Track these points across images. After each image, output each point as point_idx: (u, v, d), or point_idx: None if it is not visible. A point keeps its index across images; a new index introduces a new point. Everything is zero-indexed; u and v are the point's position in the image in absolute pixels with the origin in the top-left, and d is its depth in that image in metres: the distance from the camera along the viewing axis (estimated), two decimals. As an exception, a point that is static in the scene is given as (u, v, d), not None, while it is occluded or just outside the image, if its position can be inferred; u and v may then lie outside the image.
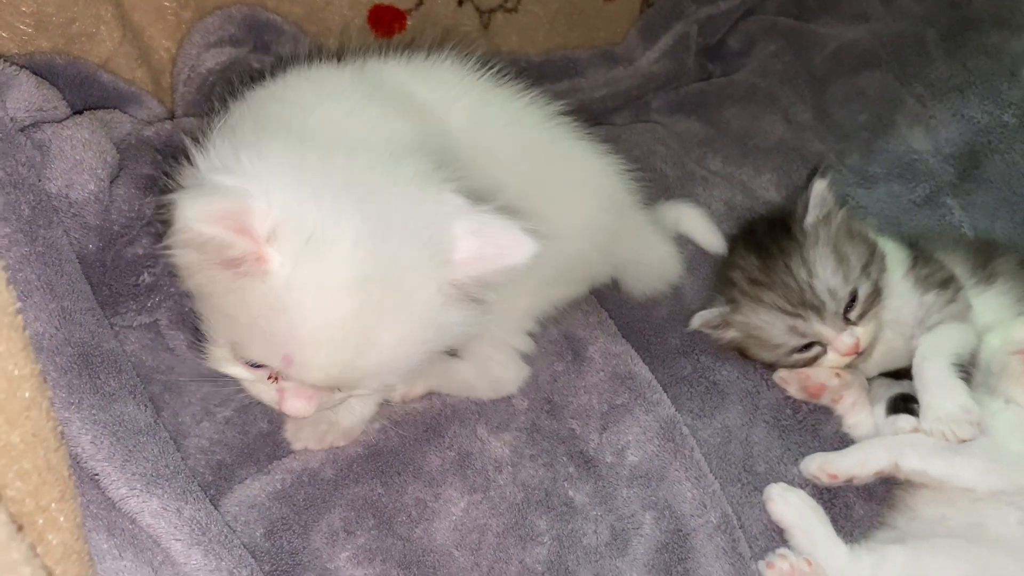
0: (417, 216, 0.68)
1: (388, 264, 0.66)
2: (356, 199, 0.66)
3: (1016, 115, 1.61)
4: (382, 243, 0.65)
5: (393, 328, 0.68)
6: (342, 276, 0.64)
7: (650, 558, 0.92)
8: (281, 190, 0.63)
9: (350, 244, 0.64)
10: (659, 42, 1.50)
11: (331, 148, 0.69)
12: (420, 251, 0.68)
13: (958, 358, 1.07)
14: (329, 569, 0.83)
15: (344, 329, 0.65)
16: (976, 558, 0.92)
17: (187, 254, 0.66)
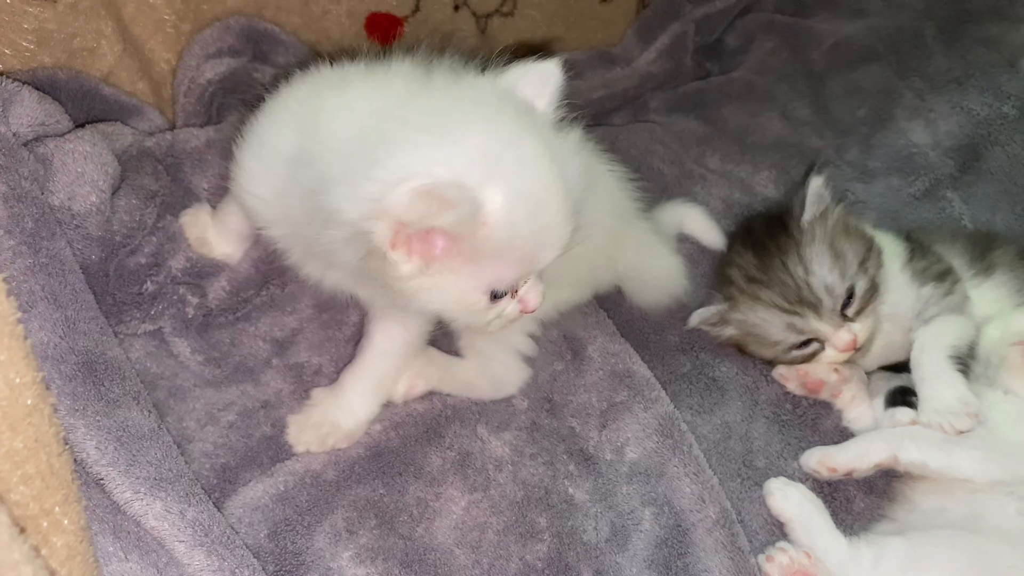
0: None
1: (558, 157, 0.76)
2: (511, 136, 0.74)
3: (1016, 106, 1.60)
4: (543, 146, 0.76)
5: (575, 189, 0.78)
6: (543, 176, 0.74)
7: (650, 553, 0.93)
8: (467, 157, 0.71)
9: (530, 156, 0.74)
10: (656, 42, 1.51)
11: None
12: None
13: (955, 350, 1.08)
14: (332, 568, 0.84)
15: (562, 203, 0.76)
16: (974, 548, 0.92)
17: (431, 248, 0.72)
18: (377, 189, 0.68)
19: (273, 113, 0.84)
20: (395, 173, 0.68)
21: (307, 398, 0.94)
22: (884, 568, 0.93)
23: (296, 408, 0.94)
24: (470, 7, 1.35)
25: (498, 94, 0.79)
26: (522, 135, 0.74)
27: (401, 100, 0.76)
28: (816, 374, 1.13)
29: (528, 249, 0.76)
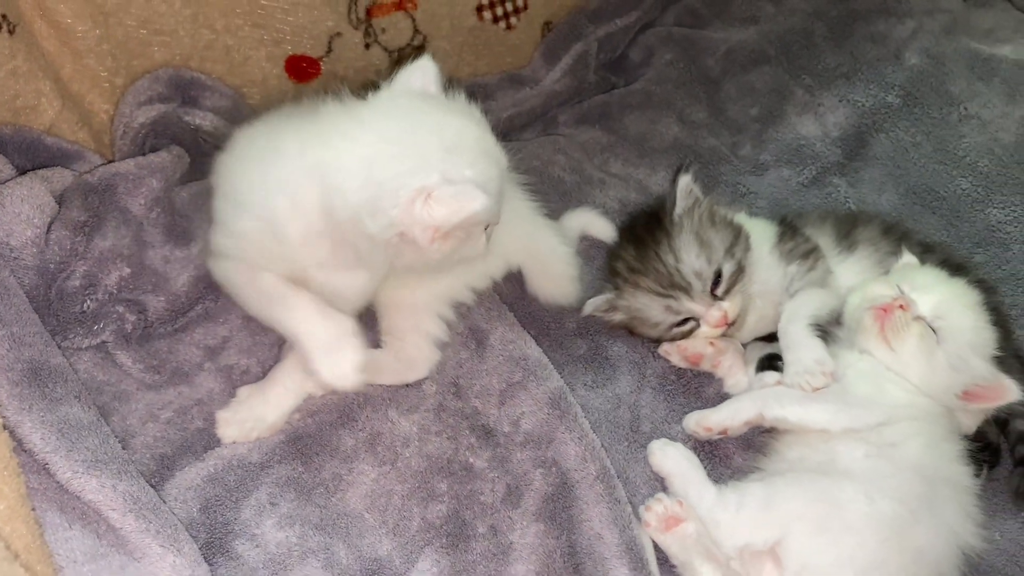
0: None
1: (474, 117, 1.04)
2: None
3: (900, 95, 1.75)
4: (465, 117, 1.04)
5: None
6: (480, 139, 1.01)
7: (539, 508, 1.07)
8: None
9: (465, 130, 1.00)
10: (560, 62, 1.66)
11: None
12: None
13: (815, 319, 1.22)
14: (256, 535, 0.99)
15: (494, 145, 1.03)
16: (819, 486, 1.06)
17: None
18: (396, 214, 0.92)
19: (287, 187, 0.99)
20: (400, 197, 0.91)
21: (232, 393, 1.09)
22: (745, 510, 1.06)
23: (225, 404, 1.09)
24: (381, 44, 1.50)
25: (413, 100, 1.03)
26: (451, 119, 1.00)
27: (364, 137, 0.97)
28: (694, 348, 1.28)
29: (500, 186, 1.01)
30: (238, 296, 1.09)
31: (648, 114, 1.67)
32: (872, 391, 1.14)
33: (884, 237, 1.35)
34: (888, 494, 1.03)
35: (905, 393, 1.14)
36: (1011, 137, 1.69)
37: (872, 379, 1.15)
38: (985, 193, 1.61)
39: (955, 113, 1.73)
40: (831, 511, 1.03)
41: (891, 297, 1.17)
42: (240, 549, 0.97)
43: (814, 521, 1.02)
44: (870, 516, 1.02)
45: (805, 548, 1.02)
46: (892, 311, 1.15)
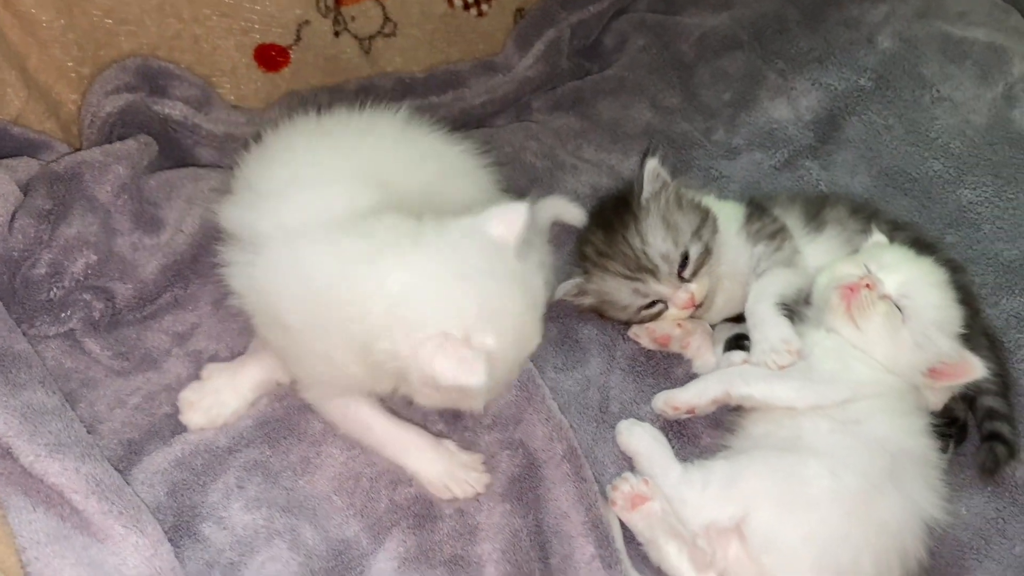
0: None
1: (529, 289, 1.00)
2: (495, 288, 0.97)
3: (872, 78, 1.76)
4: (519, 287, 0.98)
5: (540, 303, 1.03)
6: (521, 313, 0.97)
7: (505, 488, 1.08)
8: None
9: (510, 300, 0.96)
10: (533, 49, 1.67)
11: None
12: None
13: (782, 298, 1.23)
14: (223, 517, 1.00)
15: (535, 324, 1.00)
16: (782, 463, 1.07)
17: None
18: (403, 348, 0.90)
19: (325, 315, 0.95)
20: (414, 334, 0.89)
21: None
22: (710, 487, 1.07)
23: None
24: (351, 31, 1.50)
25: (481, 247, 0.97)
26: (503, 285, 0.95)
27: (409, 264, 0.94)
28: (663, 330, 1.29)
29: (514, 366, 1.00)
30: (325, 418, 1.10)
31: (621, 100, 1.68)
32: (838, 368, 1.15)
33: (853, 217, 1.36)
34: (852, 469, 1.04)
35: (870, 370, 1.15)
36: (982, 119, 1.70)
37: (838, 357, 1.16)
38: (957, 174, 1.62)
39: (927, 96, 1.74)
40: (795, 487, 1.04)
41: (858, 276, 1.18)
42: (207, 532, 0.98)
43: (778, 497, 1.04)
44: (834, 491, 1.03)
45: (769, 524, 1.03)
46: (858, 290, 1.16)
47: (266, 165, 1.10)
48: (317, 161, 1.09)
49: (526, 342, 0.99)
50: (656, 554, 1.07)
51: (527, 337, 0.99)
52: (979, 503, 1.19)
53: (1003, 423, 1.23)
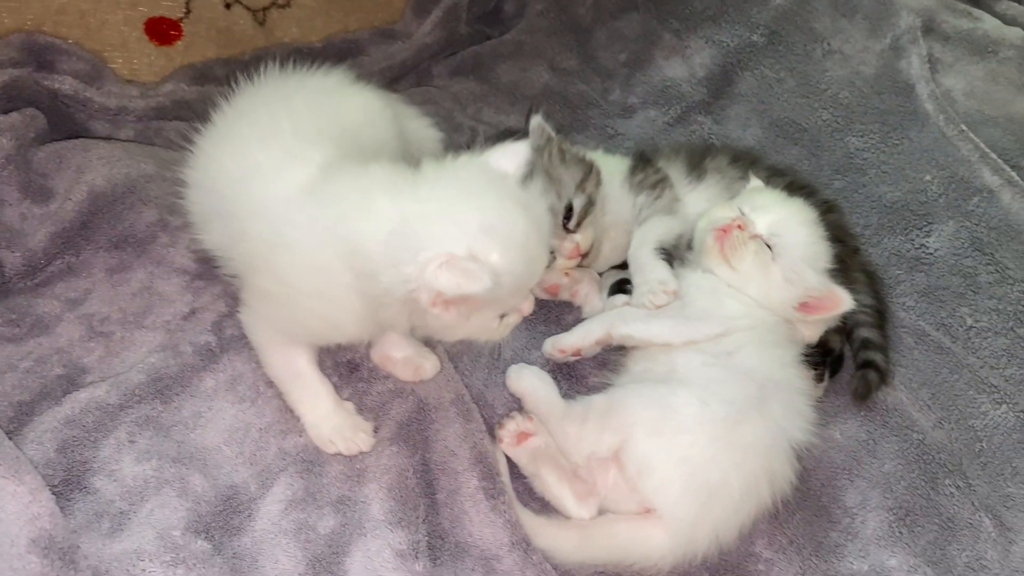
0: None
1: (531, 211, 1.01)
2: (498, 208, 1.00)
3: (764, 34, 1.81)
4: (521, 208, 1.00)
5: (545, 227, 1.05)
6: (525, 232, 0.98)
7: (394, 433, 1.13)
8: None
9: (514, 220, 0.98)
10: (431, 16, 1.70)
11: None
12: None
13: (661, 243, 1.29)
14: (115, 470, 1.03)
15: (539, 245, 1.01)
16: (654, 393, 1.12)
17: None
18: (413, 270, 0.92)
19: (312, 252, 1.00)
20: (423, 255, 0.92)
21: (92, 339, 1.13)
22: (589, 420, 1.12)
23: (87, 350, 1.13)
24: (243, 3, 1.52)
25: (479, 173, 1.02)
26: (505, 204, 0.98)
27: (408, 196, 0.98)
28: (551, 279, 1.34)
29: (523, 283, 1.01)
30: (259, 356, 1.14)
31: (520, 63, 1.72)
32: (710, 305, 1.21)
33: (732, 165, 1.42)
34: (720, 397, 1.09)
35: (742, 306, 1.21)
36: (871, 69, 1.77)
37: (711, 294, 1.22)
38: (845, 123, 1.69)
39: (819, 49, 1.80)
40: (666, 414, 1.09)
41: (731, 218, 1.24)
42: (97, 484, 1.01)
43: (650, 425, 1.09)
44: (702, 417, 1.08)
45: (643, 450, 1.08)
46: (730, 231, 1.22)
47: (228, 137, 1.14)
48: (278, 124, 1.12)
49: (532, 261, 1.00)
50: (540, 485, 1.13)
51: (533, 256, 1.00)
52: (852, 427, 1.26)
53: (877, 352, 1.30)
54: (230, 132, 1.15)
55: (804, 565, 1.12)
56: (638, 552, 1.08)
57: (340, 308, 1.03)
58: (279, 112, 1.13)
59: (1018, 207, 1.50)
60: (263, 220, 1.03)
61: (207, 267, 1.25)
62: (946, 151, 1.61)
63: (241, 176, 1.08)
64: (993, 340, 1.37)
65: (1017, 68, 1.73)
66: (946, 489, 1.20)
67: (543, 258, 1.03)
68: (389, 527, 1.02)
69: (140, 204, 1.25)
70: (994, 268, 1.44)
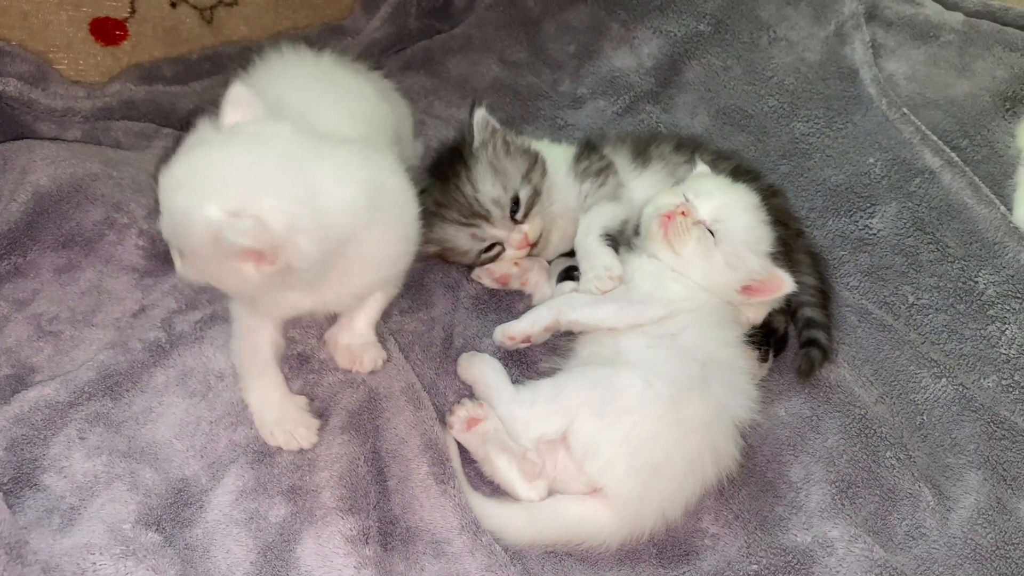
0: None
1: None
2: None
3: (711, 23, 1.85)
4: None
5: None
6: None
7: (345, 423, 1.14)
8: None
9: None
10: (380, 11, 1.72)
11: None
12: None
13: (606, 230, 1.31)
14: (65, 467, 1.04)
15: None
16: (598, 375, 1.15)
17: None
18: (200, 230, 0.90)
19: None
20: (202, 216, 0.90)
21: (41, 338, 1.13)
22: (537, 404, 1.15)
23: (35, 349, 1.13)
24: (189, 2, 1.53)
25: (223, 134, 0.99)
26: (257, 151, 0.96)
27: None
28: (502, 269, 1.36)
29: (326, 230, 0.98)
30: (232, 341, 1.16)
31: (470, 57, 1.74)
32: (654, 288, 1.23)
33: (677, 152, 1.44)
34: (663, 377, 1.12)
35: (684, 288, 1.23)
36: (816, 56, 1.81)
37: (655, 278, 1.25)
38: (791, 108, 1.72)
39: (765, 37, 1.83)
40: (609, 396, 1.12)
41: (675, 205, 1.26)
42: (48, 481, 1.02)
43: (594, 406, 1.11)
44: (645, 397, 1.11)
45: (588, 431, 1.11)
46: (674, 217, 1.25)
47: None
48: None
49: (329, 205, 0.96)
50: (489, 469, 1.15)
51: (329, 201, 0.96)
52: (797, 404, 1.29)
53: (820, 331, 1.33)
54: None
55: (749, 539, 1.15)
56: (586, 531, 1.10)
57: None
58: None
59: (958, 187, 1.54)
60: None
61: (156, 264, 1.26)
62: (889, 134, 1.65)
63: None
64: (934, 316, 1.41)
65: (957, 52, 1.78)
66: (887, 461, 1.23)
67: (352, 207, 1.01)
68: (340, 514, 1.04)
69: (87, 203, 1.25)
70: (935, 247, 1.49)
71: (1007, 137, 1.63)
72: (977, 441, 1.25)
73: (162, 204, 0.94)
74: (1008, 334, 1.37)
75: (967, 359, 1.34)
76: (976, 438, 1.25)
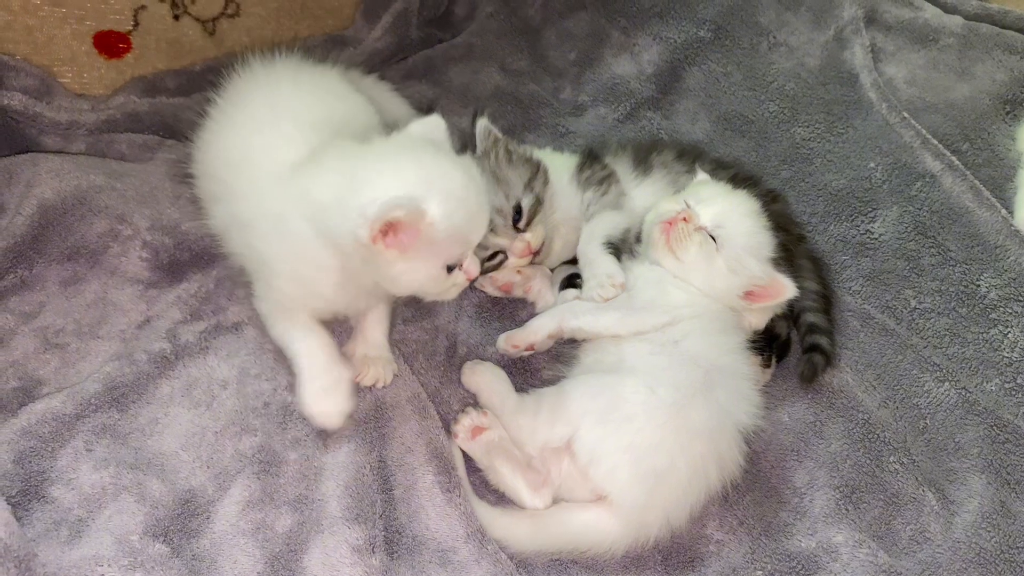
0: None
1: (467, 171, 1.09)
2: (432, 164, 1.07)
3: (711, 29, 1.84)
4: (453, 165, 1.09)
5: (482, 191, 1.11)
6: (460, 185, 1.05)
7: (353, 431, 1.14)
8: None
9: (447, 173, 1.06)
10: (381, 21, 1.72)
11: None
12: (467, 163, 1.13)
13: (609, 238, 1.32)
14: (73, 479, 1.05)
15: (476, 200, 1.07)
16: (602, 383, 1.16)
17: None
18: (358, 212, 0.99)
19: (282, 220, 1.08)
20: (366, 199, 0.99)
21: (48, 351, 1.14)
22: (542, 412, 1.16)
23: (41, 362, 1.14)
24: (192, 14, 1.54)
25: (412, 139, 1.11)
26: (439, 159, 1.07)
27: (354, 159, 1.07)
28: (504, 278, 1.37)
29: (462, 234, 1.06)
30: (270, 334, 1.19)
31: (471, 65, 1.75)
32: (656, 295, 1.24)
33: (678, 160, 1.45)
34: (666, 384, 1.13)
35: (686, 295, 1.24)
36: (816, 61, 1.81)
37: (657, 285, 1.25)
38: (791, 114, 1.72)
39: (764, 42, 1.83)
40: (613, 403, 1.12)
41: (676, 211, 1.27)
42: (55, 493, 1.03)
43: (598, 413, 1.12)
44: (649, 404, 1.11)
45: (593, 438, 1.11)
46: (676, 223, 1.25)
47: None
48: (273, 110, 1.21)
49: (471, 213, 1.07)
50: (494, 477, 1.16)
51: (471, 208, 1.07)
52: (800, 410, 1.29)
53: (822, 336, 1.34)
54: (229, 120, 1.23)
55: (754, 545, 1.15)
56: (591, 538, 1.11)
57: (315, 273, 1.09)
58: (273, 99, 1.22)
59: (959, 191, 1.54)
60: (246, 199, 1.12)
61: (160, 275, 1.27)
62: (889, 138, 1.65)
63: (238, 160, 1.16)
64: (936, 320, 1.41)
65: (957, 55, 1.78)
66: (891, 466, 1.23)
67: (483, 213, 1.10)
68: (346, 523, 1.04)
69: (91, 215, 1.26)
70: (937, 251, 1.49)
71: (1008, 140, 1.63)
72: (980, 445, 1.25)
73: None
74: (1011, 337, 1.37)
75: (970, 363, 1.35)
76: (979, 442, 1.25)
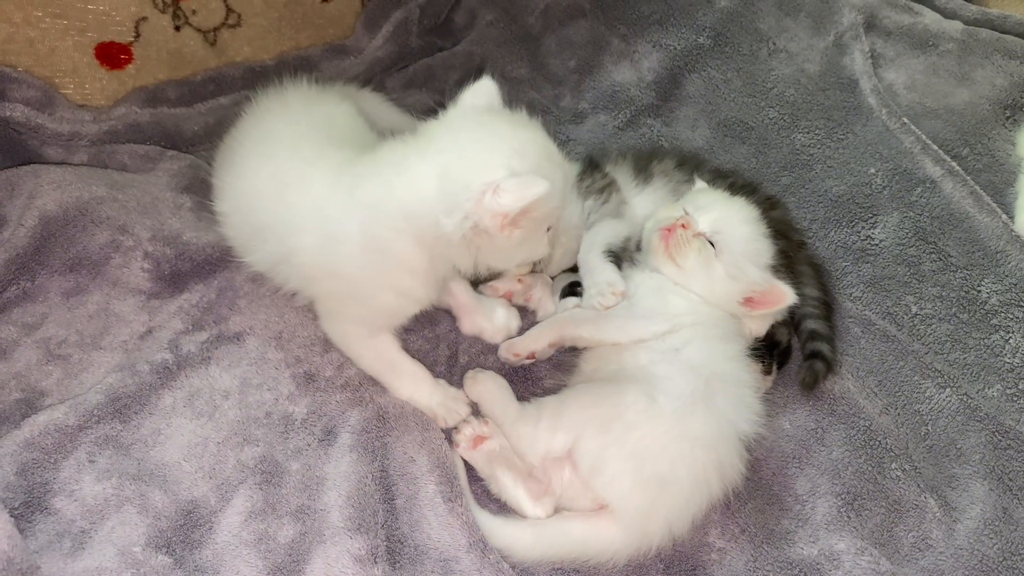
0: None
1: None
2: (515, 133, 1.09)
3: (711, 36, 1.85)
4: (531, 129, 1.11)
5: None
6: (547, 150, 1.09)
7: (354, 441, 1.14)
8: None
9: (532, 139, 1.08)
10: (382, 30, 1.73)
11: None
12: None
13: (609, 246, 1.32)
14: (75, 490, 1.05)
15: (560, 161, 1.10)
16: (603, 392, 1.16)
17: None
18: (469, 206, 1.02)
19: (362, 238, 1.09)
20: (474, 189, 1.01)
21: (50, 362, 1.15)
22: (543, 421, 1.16)
23: (44, 373, 1.14)
24: (193, 25, 1.54)
25: (475, 113, 1.13)
26: (514, 126, 1.09)
27: (431, 153, 1.07)
28: (505, 286, 1.37)
29: (564, 193, 1.11)
30: (352, 356, 1.23)
31: (472, 74, 1.74)
32: (656, 303, 1.24)
33: (678, 168, 1.46)
34: (667, 392, 1.13)
35: (687, 302, 1.24)
36: (816, 67, 1.81)
37: (657, 293, 1.26)
38: (791, 120, 1.72)
39: (764, 49, 1.84)
40: (614, 411, 1.12)
41: (675, 218, 1.27)
42: (58, 505, 1.03)
43: (600, 422, 1.12)
44: (650, 413, 1.11)
45: (593, 446, 1.11)
46: (675, 230, 1.26)
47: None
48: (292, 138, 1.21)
49: (559, 166, 1.09)
50: (496, 487, 1.16)
51: (557, 162, 1.09)
52: (801, 417, 1.29)
53: (823, 343, 1.34)
54: (249, 156, 1.23)
55: (756, 552, 1.15)
56: (593, 547, 1.11)
57: (405, 276, 1.12)
58: (289, 127, 1.23)
59: (959, 196, 1.54)
60: (307, 231, 1.12)
61: (162, 286, 1.27)
62: (889, 144, 1.65)
63: (273, 195, 1.15)
64: (937, 326, 1.41)
65: (956, 60, 1.78)
66: (892, 473, 1.23)
67: (566, 165, 1.13)
68: (348, 533, 1.05)
69: (92, 226, 1.26)
70: (937, 256, 1.49)
71: (1008, 145, 1.63)
72: (982, 451, 1.25)
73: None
74: (1012, 343, 1.37)
75: (971, 369, 1.35)
76: (981, 448, 1.25)
